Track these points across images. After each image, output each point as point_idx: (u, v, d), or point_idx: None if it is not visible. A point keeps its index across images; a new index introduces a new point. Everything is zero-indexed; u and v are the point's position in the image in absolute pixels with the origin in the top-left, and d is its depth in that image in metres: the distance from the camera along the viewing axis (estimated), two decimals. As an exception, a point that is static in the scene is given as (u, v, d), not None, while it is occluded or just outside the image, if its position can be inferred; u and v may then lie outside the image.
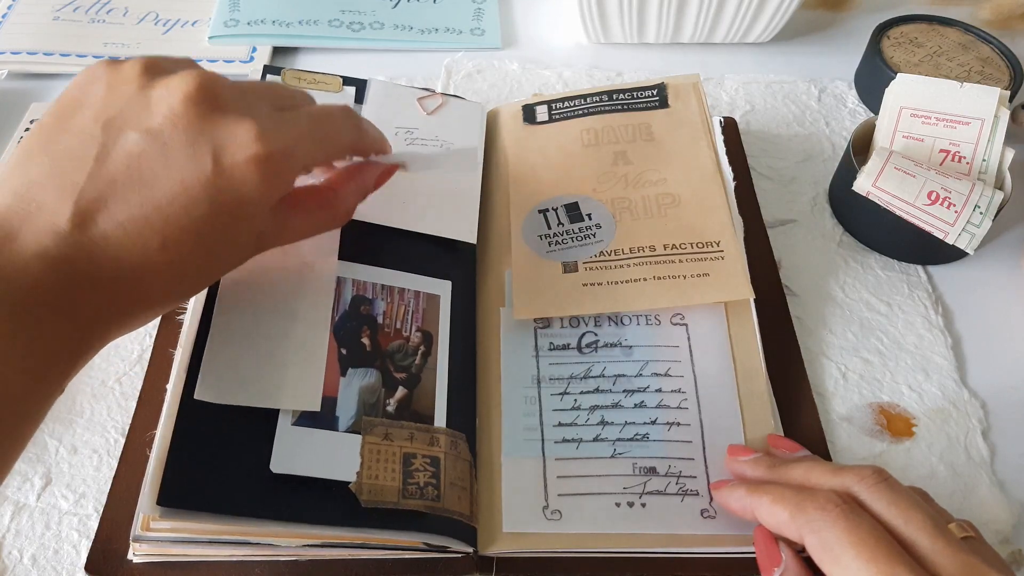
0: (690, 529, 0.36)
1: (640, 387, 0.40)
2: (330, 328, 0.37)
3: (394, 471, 0.34)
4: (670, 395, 0.39)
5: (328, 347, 0.37)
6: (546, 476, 0.37)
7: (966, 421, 0.42)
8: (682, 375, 0.40)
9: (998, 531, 0.38)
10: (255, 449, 0.33)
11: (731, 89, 0.60)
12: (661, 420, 0.38)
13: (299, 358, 0.36)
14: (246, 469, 0.32)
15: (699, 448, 0.38)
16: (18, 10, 0.63)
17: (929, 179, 0.45)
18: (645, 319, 0.42)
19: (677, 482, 0.37)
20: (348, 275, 0.40)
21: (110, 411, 0.41)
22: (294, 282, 0.38)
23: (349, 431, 0.35)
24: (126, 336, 0.44)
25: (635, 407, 0.39)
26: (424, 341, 0.39)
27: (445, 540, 0.34)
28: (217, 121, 0.30)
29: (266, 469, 0.33)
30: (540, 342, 0.41)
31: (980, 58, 0.57)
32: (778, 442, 0.37)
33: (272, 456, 0.33)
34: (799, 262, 0.49)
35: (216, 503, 0.31)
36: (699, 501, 0.36)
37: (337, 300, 0.38)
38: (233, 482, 0.32)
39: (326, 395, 0.35)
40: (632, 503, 0.36)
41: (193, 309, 0.37)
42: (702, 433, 0.38)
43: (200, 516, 0.31)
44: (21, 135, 0.49)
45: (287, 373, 0.35)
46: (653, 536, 0.35)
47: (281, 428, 0.34)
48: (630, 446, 0.38)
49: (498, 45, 0.63)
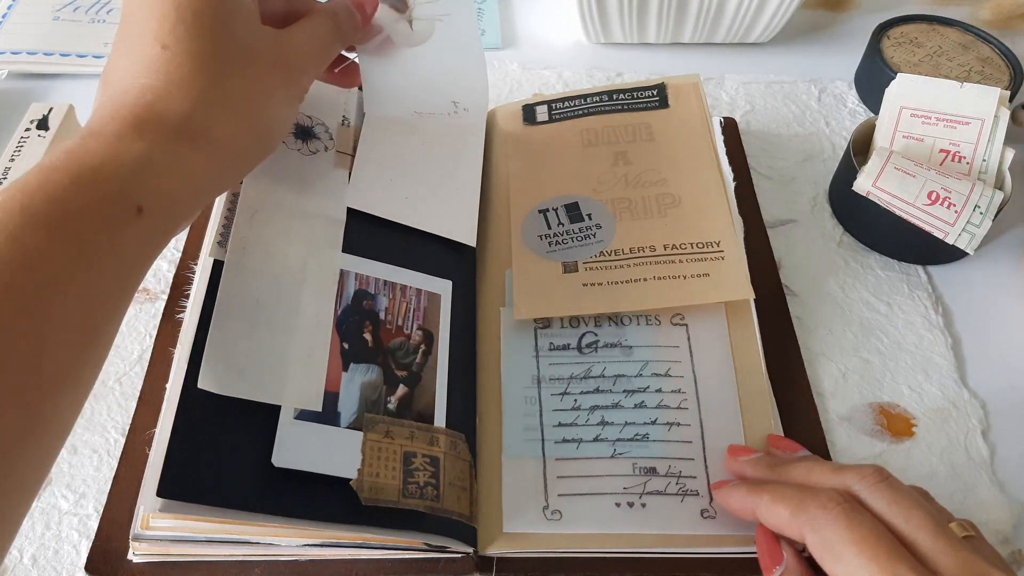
0: (690, 529, 0.36)
1: (640, 387, 0.40)
2: (333, 322, 0.37)
3: (395, 469, 0.34)
4: (670, 395, 0.39)
5: (331, 342, 0.36)
6: (546, 476, 0.37)
7: (966, 421, 0.42)
8: (682, 375, 0.40)
9: (998, 531, 0.38)
10: (257, 442, 0.33)
11: (731, 89, 0.60)
12: (661, 420, 0.38)
13: (302, 354, 0.35)
14: (247, 462, 0.32)
15: (699, 448, 0.38)
16: (18, 10, 0.63)
17: (929, 179, 0.45)
18: (645, 319, 0.42)
19: (677, 482, 0.37)
20: (351, 268, 0.39)
21: (110, 411, 0.41)
22: (297, 273, 0.37)
23: (351, 427, 0.35)
24: (126, 336, 0.44)
25: (635, 407, 0.39)
26: (425, 340, 0.39)
27: (444, 540, 0.34)
28: None
29: (267, 462, 0.32)
30: (540, 342, 0.41)
31: (980, 58, 0.57)
32: (778, 442, 0.37)
33: (274, 450, 0.33)
34: (799, 262, 0.49)
35: (217, 495, 0.31)
36: (699, 501, 0.36)
37: (340, 293, 0.38)
38: (234, 475, 0.32)
39: (328, 390, 0.35)
40: (632, 503, 0.36)
41: (193, 303, 0.36)
42: (702, 433, 0.38)
43: (200, 509, 0.31)
44: (21, 135, 0.49)
45: (289, 369, 0.35)
46: (653, 536, 0.35)
47: (283, 421, 0.33)
48: (630, 446, 0.38)
49: (498, 45, 0.63)
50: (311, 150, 0.42)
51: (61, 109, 0.51)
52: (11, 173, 0.47)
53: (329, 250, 0.39)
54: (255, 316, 0.35)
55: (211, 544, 0.33)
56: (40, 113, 0.51)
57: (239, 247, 0.37)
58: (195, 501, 0.30)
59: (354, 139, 0.44)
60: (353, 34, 0.40)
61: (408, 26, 0.42)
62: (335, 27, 0.38)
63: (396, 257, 0.41)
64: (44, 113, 0.51)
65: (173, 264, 0.47)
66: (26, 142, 0.49)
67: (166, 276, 0.46)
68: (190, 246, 0.47)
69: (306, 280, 0.37)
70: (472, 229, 0.45)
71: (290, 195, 0.40)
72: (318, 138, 0.43)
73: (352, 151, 0.44)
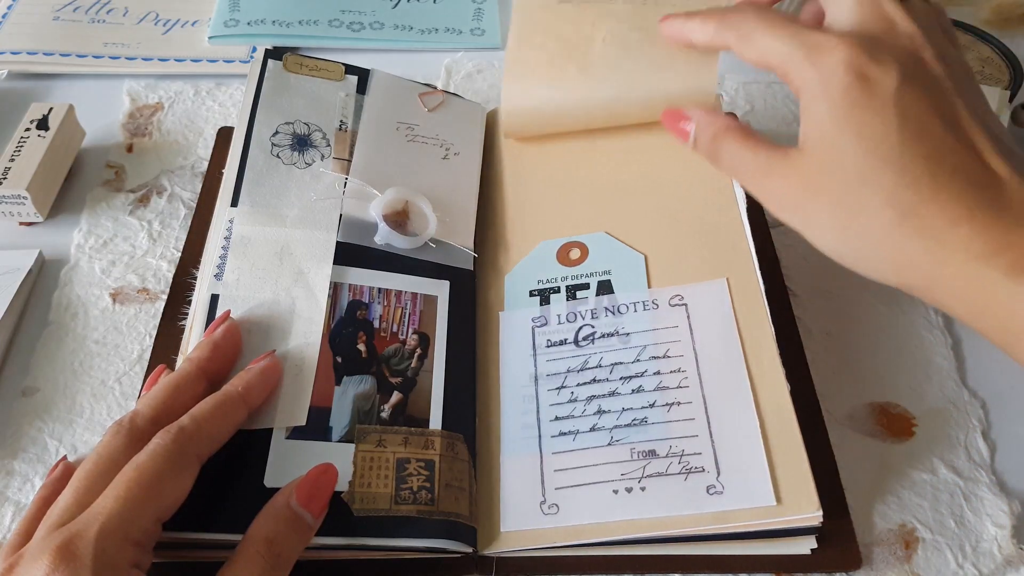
0: (695, 508, 0.34)
1: (637, 372, 0.39)
2: (323, 341, 0.37)
3: (387, 477, 0.34)
4: (669, 376, 0.39)
5: (322, 358, 0.37)
6: (543, 471, 0.37)
7: (966, 421, 0.42)
8: (681, 354, 0.39)
9: (998, 531, 0.38)
10: (250, 465, 0.33)
11: (731, 89, 0.60)
12: (660, 402, 0.38)
13: (291, 373, 0.36)
14: (241, 485, 0.33)
15: (703, 424, 0.37)
16: (18, 10, 0.63)
17: (929, 179, 0.45)
18: (643, 304, 0.41)
19: (680, 460, 0.36)
20: (345, 280, 0.40)
21: (110, 411, 0.41)
22: (289, 292, 0.38)
23: (342, 440, 0.35)
24: (126, 336, 0.44)
25: (632, 392, 0.38)
26: (421, 343, 0.39)
27: (440, 543, 0.34)
28: None
29: (261, 484, 0.33)
30: (538, 340, 0.41)
31: (980, 58, 0.57)
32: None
33: (266, 471, 0.33)
34: (799, 262, 0.49)
35: (212, 522, 0.31)
36: (705, 477, 0.35)
37: (333, 306, 0.38)
38: (228, 500, 0.32)
39: (320, 406, 0.35)
40: (631, 488, 0.36)
41: (191, 337, 0.37)
42: (705, 408, 0.37)
43: (195, 537, 0.31)
44: (21, 135, 0.49)
45: (278, 394, 0.35)
46: (655, 520, 0.35)
47: (275, 442, 0.34)
48: (627, 432, 0.37)
49: (498, 45, 0.63)
50: (307, 162, 0.43)
51: (61, 109, 0.51)
52: (11, 173, 0.48)
53: (321, 265, 0.39)
54: (246, 345, 0.36)
55: (207, 550, 0.33)
56: (40, 113, 0.51)
57: (234, 279, 0.38)
58: (190, 530, 0.31)
59: (351, 144, 0.44)
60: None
61: (404, 239, 0.42)
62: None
63: (391, 263, 0.41)
64: (44, 113, 0.51)
65: (173, 264, 0.47)
66: (26, 142, 0.49)
67: (166, 276, 0.47)
68: (190, 246, 0.47)
69: (296, 300, 0.38)
70: (469, 233, 0.45)
71: (284, 213, 0.41)
72: (315, 146, 0.43)
73: (349, 156, 0.44)
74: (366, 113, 0.46)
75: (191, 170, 0.53)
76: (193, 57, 0.60)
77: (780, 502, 0.34)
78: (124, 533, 0.27)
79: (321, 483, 0.32)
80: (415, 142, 0.47)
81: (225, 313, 0.37)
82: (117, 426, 0.31)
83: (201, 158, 0.54)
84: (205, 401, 0.32)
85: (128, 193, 0.51)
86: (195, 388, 0.34)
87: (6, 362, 0.43)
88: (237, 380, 0.34)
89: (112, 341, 0.44)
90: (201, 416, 0.31)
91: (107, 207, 0.50)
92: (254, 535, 0.30)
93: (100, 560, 0.26)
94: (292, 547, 0.30)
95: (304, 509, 0.31)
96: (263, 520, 0.30)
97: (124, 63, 0.60)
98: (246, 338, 0.37)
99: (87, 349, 0.43)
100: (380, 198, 0.42)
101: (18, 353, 0.43)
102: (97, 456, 0.30)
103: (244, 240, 0.39)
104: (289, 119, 0.44)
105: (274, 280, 0.39)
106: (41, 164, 0.48)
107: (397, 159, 0.45)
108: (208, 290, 0.38)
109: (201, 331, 0.36)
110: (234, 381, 0.34)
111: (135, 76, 0.59)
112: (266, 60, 0.46)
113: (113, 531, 0.27)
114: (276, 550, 0.29)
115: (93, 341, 0.44)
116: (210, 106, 0.57)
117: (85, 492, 0.29)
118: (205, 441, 0.31)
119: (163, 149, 0.54)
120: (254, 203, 0.40)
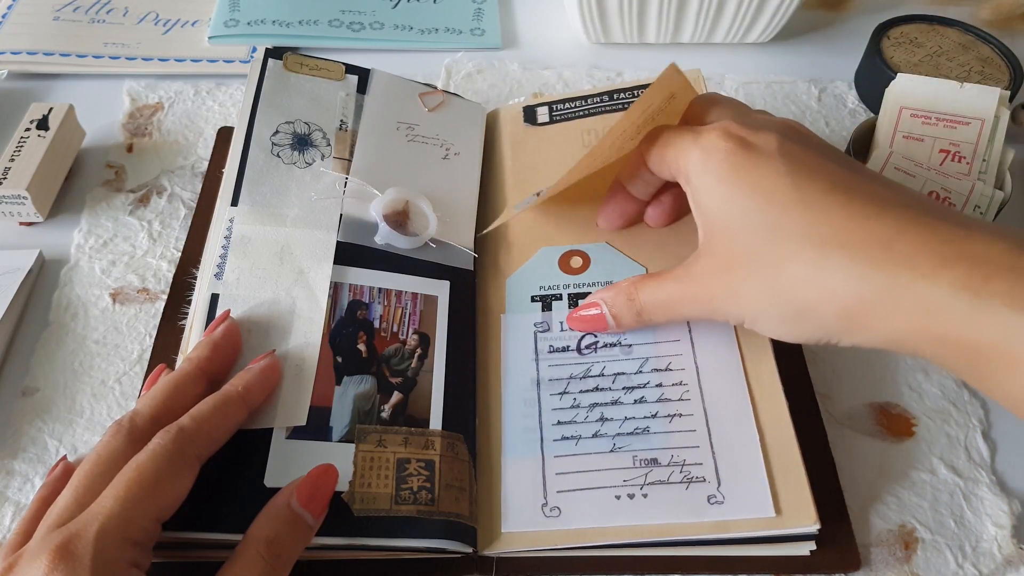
0: (696, 517, 0.35)
1: (640, 383, 0.39)
2: (324, 340, 0.37)
3: (387, 478, 0.34)
4: (671, 388, 0.39)
5: (323, 358, 0.37)
6: (545, 474, 0.37)
7: (966, 421, 0.42)
8: (683, 367, 0.40)
9: (998, 531, 0.38)
10: (250, 465, 0.33)
11: (731, 89, 0.60)
12: (662, 413, 0.38)
13: (290, 373, 0.36)
14: (241, 486, 0.33)
15: (704, 435, 0.37)
16: (18, 10, 0.63)
17: (929, 179, 0.45)
18: None
19: (681, 470, 0.36)
20: (344, 280, 0.40)
21: (110, 411, 0.41)
22: (289, 292, 0.38)
23: (343, 440, 0.35)
24: (126, 336, 0.44)
25: (635, 403, 0.39)
26: (421, 343, 0.39)
27: (440, 543, 0.34)
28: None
29: (261, 484, 0.33)
30: (540, 345, 0.41)
31: (980, 58, 0.57)
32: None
33: (266, 471, 0.33)
34: (799, 262, 0.49)
35: (212, 522, 0.31)
36: (706, 487, 0.36)
37: (334, 306, 0.38)
38: (228, 500, 0.32)
39: (321, 405, 0.35)
40: (632, 495, 0.36)
41: (191, 336, 0.37)
42: (707, 420, 0.38)
43: (195, 537, 0.31)
44: (21, 135, 0.49)
45: (278, 394, 0.35)
46: (656, 527, 0.35)
47: (275, 442, 0.34)
48: (630, 440, 0.38)
49: (498, 45, 0.63)
50: (307, 161, 0.43)
51: (61, 109, 0.51)
52: (11, 173, 0.47)
53: (322, 264, 0.39)
54: (246, 344, 0.36)
55: (208, 549, 0.33)
56: (40, 113, 0.51)
57: (234, 279, 0.38)
58: (191, 530, 0.31)
59: (351, 143, 0.44)
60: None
61: (404, 239, 0.42)
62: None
63: (391, 263, 0.41)
64: (44, 113, 0.51)
65: (173, 264, 0.47)
66: (26, 142, 0.49)
67: (166, 276, 0.47)
68: (190, 246, 0.47)
69: (296, 300, 0.38)
70: (470, 233, 0.45)
71: (284, 213, 0.41)
72: (315, 146, 0.43)
73: (349, 156, 0.44)
74: (366, 113, 0.46)
75: (191, 170, 0.53)
76: (193, 57, 0.60)
77: (779, 513, 0.34)
78: (123, 533, 0.28)
79: (321, 483, 0.32)
80: (415, 142, 0.47)
81: (225, 313, 0.37)
82: (117, 426, 0.31)
83: (201, 158, 0.54)
84: (205, 401, 0.32)
85: (128, 193, 0.51)
86: (195, 388, 0.34)
87: (6, 362, 0.43)
88: (237, 380, 0.34)
89: (112, 341, 0.44)
90: (201, 416, 0.32)
91: (107, 207, 0.50)
92: (254, 535, 0.30)
93: (99, 560, 0.26)
94: (292, 547, 0.30)
95: (304, 509, 0.31)
96: (263, 520, 0.30)
97: (124, 63, 0.60)
98: (246, 338, 0.37)
99: (87, 349, 0.43)
100: (380, 198, 0.42)
101: (18, 353, 0.43)
102: (97, 456, 0.30)
103: (244, 240, 0.39)
104: (289, 119, 0.44)
105: (274, 280, 0.39)
106: (41, 164, 0.48)
107: (397, 159, 0.45)
108: (208, 290, 0.38)
109: (201, 331, 0.36)
110: (234, 381, 0.34)
111: (135, 76, 0.59)
112: (266, 60, 0.46)
113: (112, 531, 0.27)
114: (276, 550, 0.29)
115: (93, 341, 0.44)
116: (210, 106, 0.57)
117: (85, 492, 0.29)
118: (205, 441, 0.31)
119: (163, 149, 0.54)
120: (254, 203, 0.41)
